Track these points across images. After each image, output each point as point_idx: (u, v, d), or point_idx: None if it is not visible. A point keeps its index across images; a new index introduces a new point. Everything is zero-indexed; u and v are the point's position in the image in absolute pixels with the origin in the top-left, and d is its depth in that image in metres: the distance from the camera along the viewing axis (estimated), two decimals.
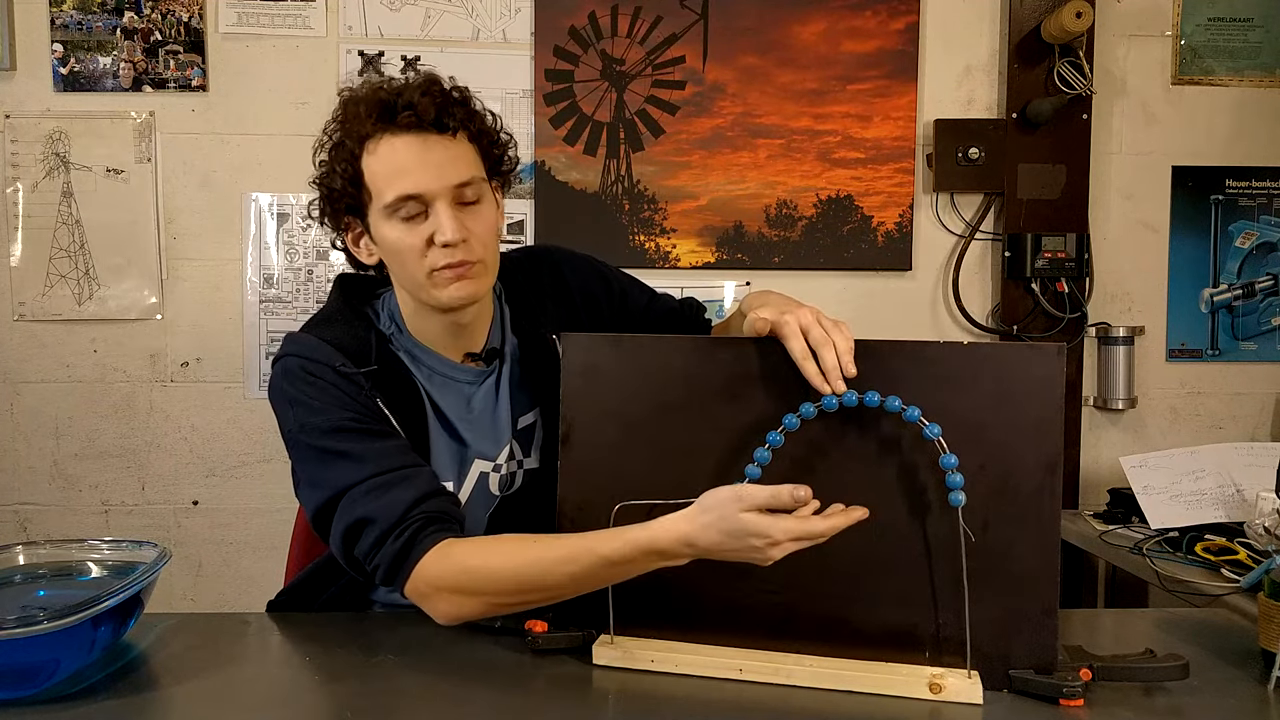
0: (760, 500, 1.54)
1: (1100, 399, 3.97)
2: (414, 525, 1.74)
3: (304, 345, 1.90)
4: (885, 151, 3.89)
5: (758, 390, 1.68)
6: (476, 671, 1.68)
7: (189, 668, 1.71)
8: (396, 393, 1.91)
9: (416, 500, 1.76)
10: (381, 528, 1.75)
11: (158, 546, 1.84)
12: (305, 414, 1.84)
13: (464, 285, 1.88)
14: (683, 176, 3.86)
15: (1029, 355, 1.61)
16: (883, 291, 3.94)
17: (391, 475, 1.79)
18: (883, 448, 1.64)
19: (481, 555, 1.71)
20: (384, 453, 1.82)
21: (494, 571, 1.69)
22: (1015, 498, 1.60)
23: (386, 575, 1.76)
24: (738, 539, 1.54)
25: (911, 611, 1.64)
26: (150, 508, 3.82)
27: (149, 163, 3.74)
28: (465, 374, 2.02)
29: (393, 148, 1.84)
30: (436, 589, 1.73)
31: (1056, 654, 1.60)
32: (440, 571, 1.72)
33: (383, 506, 1.76)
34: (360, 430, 1.83)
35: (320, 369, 1.86)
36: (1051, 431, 1.60)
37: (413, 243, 1.85)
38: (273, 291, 3.78)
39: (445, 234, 1.83)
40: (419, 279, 1.88)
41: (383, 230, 1.87)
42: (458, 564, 1.71)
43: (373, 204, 1.87)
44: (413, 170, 1.83)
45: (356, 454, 1.80)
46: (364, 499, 1.77)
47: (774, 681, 1.63)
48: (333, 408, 1.84)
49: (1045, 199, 3.86)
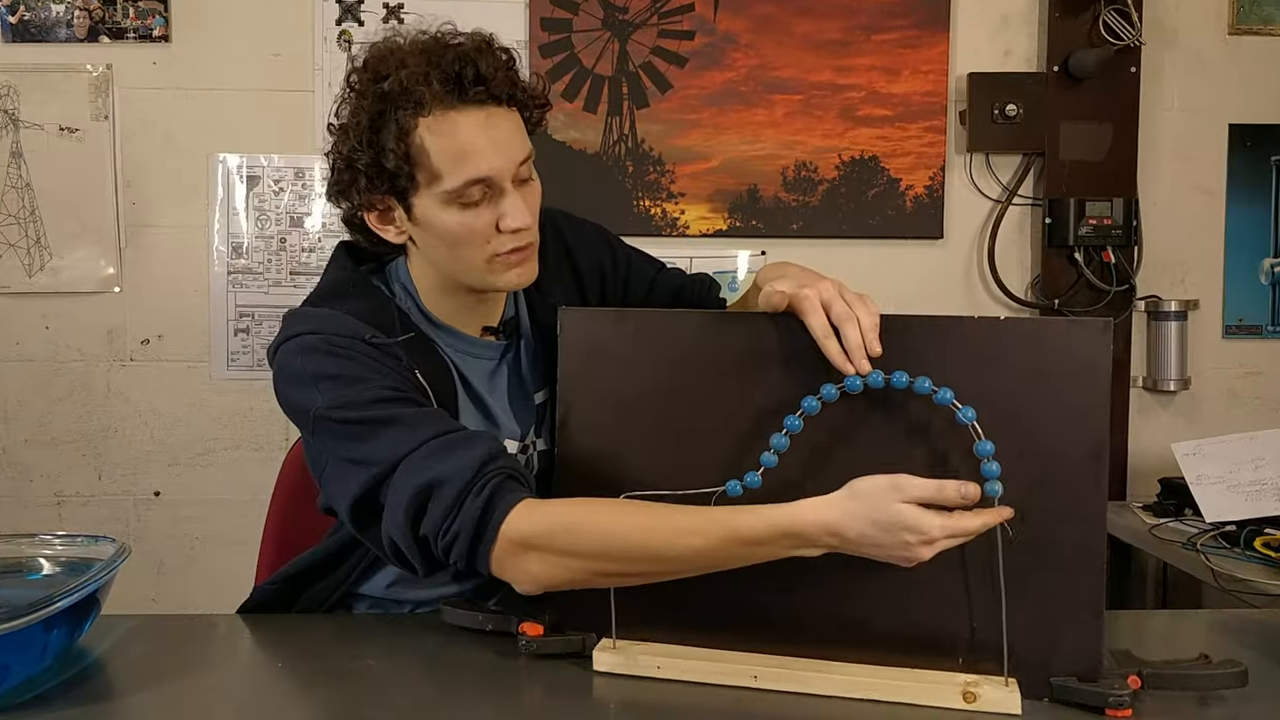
0: (921, 494, 1.51)
1: (1150, 379, 3.97)
2: (495, 478, 1.66)
3: (320, 320, 1.84)
4: (914, 108, 3.88)
5: (774, 370, 1.68)
6: (466, 679, 1.69)
7: (151, 675, 1.71)
8: (429, 366, 1.88)
9: (490, 456, 1.68)
10: (456, 486, 1.65)
11: (116, 541, 1.84)
12: (337, 389, 1.76)
13: (526, 270, 1.87)
14: (692, 136, 3.85)
15: (1072, 332, 1.61)
16: (911, 262, 3.93)
17: (453, 436, 1.71)
18: (911, 434, 1.63)
19: (585, 512, 1.65)
20: (437, 416, 1.76)
21: (603, 531, 1.62)
22: (1057, 488, 1.60)
23: (470, 541, 1.65)
24: (890, 532, 1.51)
25: (943, 613, 1.64)
26: (108, 499, 3.82)
27: (106, 120, 3.73)
28: (486, 349, 2.01)
29: (459, 125, 1.77)
30: (529, 546, 1.64)
31: (1102, 659, 1.60)
32: (535, 527, 1.63)
33: (452, 465, 1.67)
34: (404, 399, 1.76)
35: (348, 342, 1.80)
36: (1096, 416, 1.59)
37: (478, 228, 1.81)
38: (242, 262, 3.78)
39: (516, 220, 1.80)
40: (475, 264, 1.85)
41: (436, 214, 1.81)
42: (557, 520, 1.63)
43: (427, 186, 1.80)
44: (484, 151, 1.78)
45: (407, 419, 1.73)
46: (424, 463, 1.68)
47: (791, 690, 1.63)
48: (372, 377, 1.76)
49: (1089, 160, 3.86)
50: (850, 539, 1.54)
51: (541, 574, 1.65)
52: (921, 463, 1.62)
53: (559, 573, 1.65)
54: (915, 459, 1.63)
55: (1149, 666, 1.62)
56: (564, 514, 1.64)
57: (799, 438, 1.61)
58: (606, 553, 1.62)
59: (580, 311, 1.80)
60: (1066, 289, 3.89)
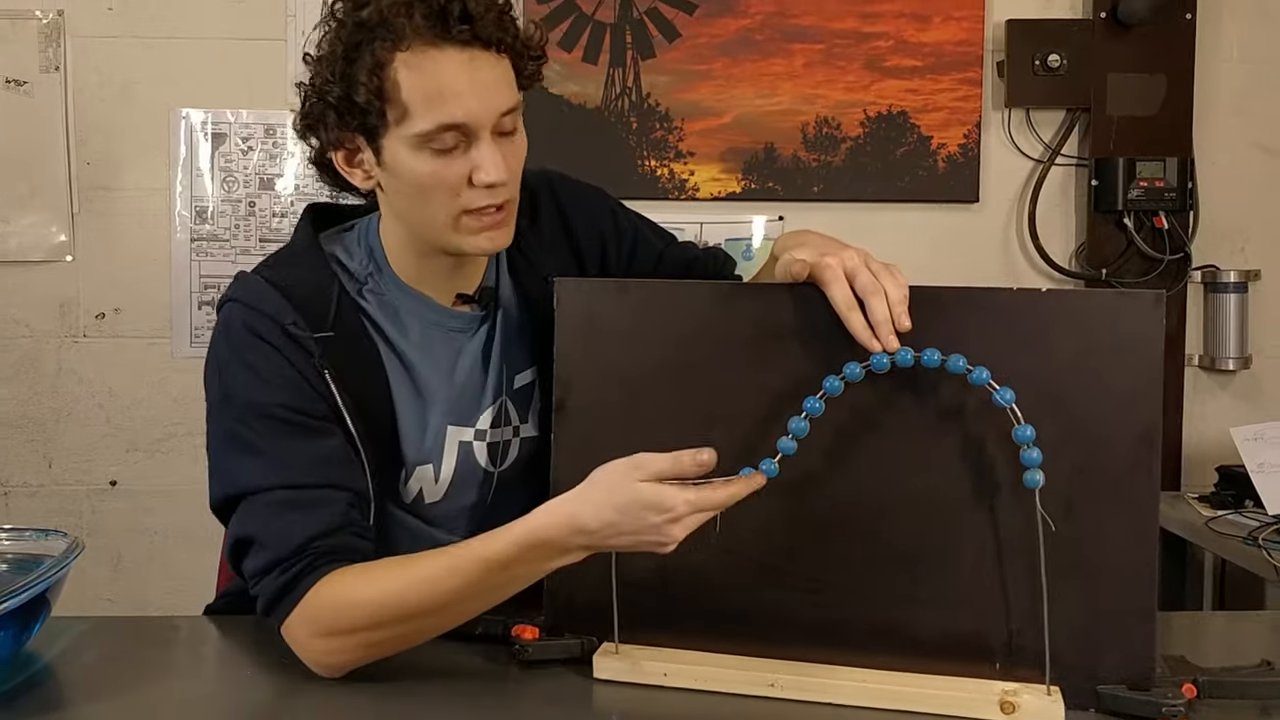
0: (659, 468, 1.55)
1: (1207, 358, 3.97)
2: (306, 560, 1.72)
3: (252, 290, 1.88)
4: (947, 59, 3.87)
5: (792, 348, 1.68)
6: (455, 688, 1.69)
7: (106, 683, 1.71)
8: (353, 367, 1.89)
9: (320, 533, 1.74)
10: (269, 556, 1.73)
11: (68, 536, 1.84)
12: (233, 385, 1.83)
13: (497, 234, 1.87)
14: (702, 89, 3.85)
15: (1121, 305, 1.61)
16: (944, 228, 3.93)
17: (301, 493, 1.77)
18: (944, 417, 1.63)
19: (361, 582, 1.70)
20: (306, 460, 1.80)
21: (369, 601, 1.68)
22: (1104, 477, 1.59)
23: (265, 610, 1.74)
24: (633, 516, 1.55)
25: (979, 614, 1.64)
26: (59, 489, 3.83)
27: (57, 72, 3.73)
28: (457, 320, 2.00)
29: (438, 64, 1.77)
30: (309, 634, 1.70)
31: (1154, 666, 1.60)
32: (314, 611, 1.70)
33: (278, 531, 1.74)
34: (289, 422, 1.81)
35: (266, 325, 1.84)
36: (1148, 397, 1.59)
37: (447, 178, 1.80)
38: (207, 228, 3.78)
39: (490, 174, 1.79)
40: (440, 220, 1.85)
41: (405, 159, 1.81)
42: (333, 598, 1.69)
43: (397, 126, 1.80)
44: (463, 94, 1.77)
45: (271, 454, 1.79)
46: (262, 512, 1.76)
47: (813, 699, 1.63)
48: (266, 386, 1.82)
49: (1140, 116, 3.85)
50: (595, 529, 1.58)
51: (324, 657, 1.72)
52: (955, 450, 1.62)
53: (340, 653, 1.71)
54: (948, 446, 1.63)
55: (1205, 674, 1.62)
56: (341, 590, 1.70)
57: (820, 421, 1.60)
58: (378, 619, 1.68)
59: (578, 282, 1.80)
60: (1115, 258, 3.89)
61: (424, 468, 1.96)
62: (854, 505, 1.66)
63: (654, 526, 1.54)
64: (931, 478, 1.62)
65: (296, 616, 1.70)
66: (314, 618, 1.69)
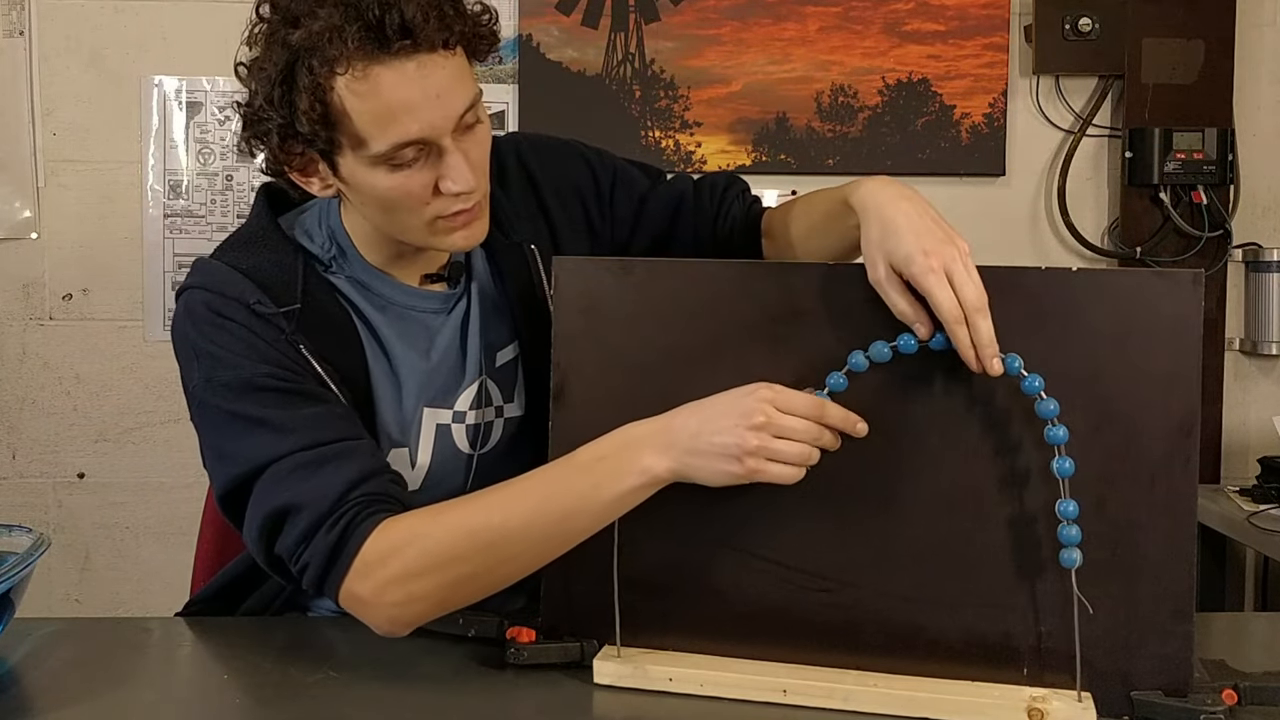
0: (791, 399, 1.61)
1: (1249, 341, 3.97)
2: (354, 508, 1.72)
3: (212, 275, 1.88)
4: (971, 23, 3.87)
5: (807, 331, 1.68)
6: (445, 693, 1.69)
7: (74, 688, 1.71)
8: (327, 336, 1.90)
9: (355, 481, 1.74)
10: (311, 516, 1.72)
11: (32, 532, 1.84)
12: (213, 366, 1.82)
13: (472, 230, 1.87)
14: (709, 55, 3.84)
15: (1157, 285, 1.60)
16: (968, 202, 3.93)
17: (324, 449, 1.76)
18: (969, 403, 1.63)
19: (430, 515, 1.72)
20: (314, 420, 1.80)
21: (450, 529, 1.70)
22: (1139, 468, 1.59)
23: (318, 576, 1.72)
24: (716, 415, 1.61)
25: (1005, 616, 1.64)
26: (22, 482, 3.83)
27: (21, 37, 3.73)
28: (428, 301, 2.00)
29: (384, 82, 1.73)
30: (377, 585, 1.70)
31: (1192, 670, 1.60)
32: (378, 556, 1.69)
33: (312, 489, 1.73)
34: (282, 389, 1.81)
35: (232, 307, 1.84)
36: (1185, 383, 1.59)
37: (413, 191, 1.80)
38: (181, 203, 3.78)
39: (459, 183, 1.79)
40: (413, 226, 1.85)
41: (364, 176, 1.80)
42: (399, 538, 1.70)
43: (352, 150, 1.78)
44: (416, 108, 1.75)
45: (277, 421, 1.78)
46: (288, 479, 1.75)
47: (827, 706, 1.62)
48: (247, 359, 1.81)
49: (1177, 84, 3.85)
50: (673, 427, 1.64)
51: (399, 601, 1.71)
52: (981, 438, 1.62)
53: (416, 594, 1.71)
54: (972, 433, 1.63)
55: (1247, 679, 1.62)
56: (410, 526, 1.71)
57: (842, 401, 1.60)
58: (458, 552, 1.69)
59: (578, 261, 1.80)
60: (1150, 235, 3.88)
61: (399, 451, 1.97)
62: (871, 499, 1.66)
63: (733, 428, 1.58)
64: (954, 469, 1.62)
65: (357, 571, 1.69)
66: (380, 562, 1.69)
